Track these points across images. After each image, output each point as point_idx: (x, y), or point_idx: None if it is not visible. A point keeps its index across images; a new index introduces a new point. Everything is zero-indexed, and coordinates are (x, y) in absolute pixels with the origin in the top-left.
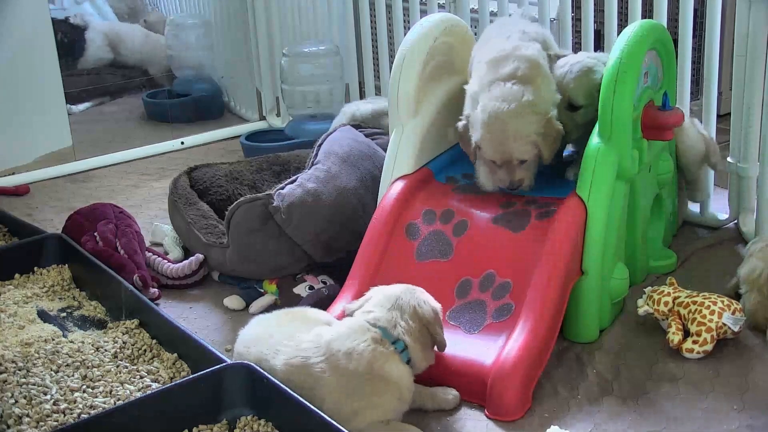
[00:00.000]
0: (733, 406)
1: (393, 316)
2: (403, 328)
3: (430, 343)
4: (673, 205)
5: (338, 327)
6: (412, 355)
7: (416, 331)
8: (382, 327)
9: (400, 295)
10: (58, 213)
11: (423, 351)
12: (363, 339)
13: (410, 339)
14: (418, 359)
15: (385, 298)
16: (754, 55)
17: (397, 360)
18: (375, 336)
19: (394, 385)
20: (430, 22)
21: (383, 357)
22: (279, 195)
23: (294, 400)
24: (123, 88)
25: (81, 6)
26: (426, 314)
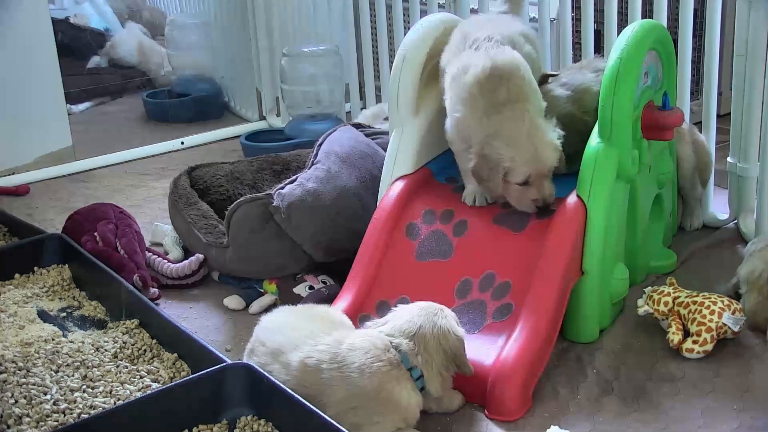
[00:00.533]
0: (733, 406)
1: (415, 344)
2: (423, 359)
3: (453, 370)
4: (673, 205)
5: (359, 338)
6: (428, 385)
7: (438, 363)
8: (403, 353)
9: (422, 324)
10: (58, 213)
11: (442, 381)
12: (380, 358)
13: (429, 371)
14: (434, 389)
15: (409, 323)
16: (754, 55)
17: (409, 386)
18: (393, 359)
19: (401, 410)
20: (430, 22)
21: (395, 380)
22: (279, 195)
23: (294, 400)
24: (123, 88)
25: (81, 6)
26: (452, 347)
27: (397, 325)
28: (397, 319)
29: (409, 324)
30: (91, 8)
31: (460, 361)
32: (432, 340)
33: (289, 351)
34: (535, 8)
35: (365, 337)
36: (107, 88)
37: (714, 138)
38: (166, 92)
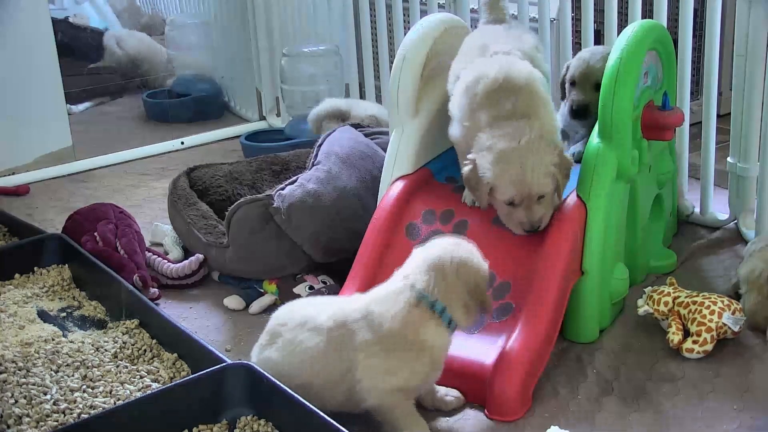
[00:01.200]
0: (733, 406)
1: (431, 277)
2: (441, 289)
3: (475, 303)
4: (673, 205)
5: (377, 290)
6: (454, 315)
7: (459, 292)
8: (419, 290)
9: (440, 255)
10: (58, 213)
11: (466, 311)
12: (398, 301)
13: (450, 300)
14: (461, 319)
15: (424, 259)
16: (754, 55)
17: (433, 324)
18: (410, 299)
19: (428, 350)
20: (430, 22)
21: (418, 320)
22: (279, 195)
23: (294, 400)
24: (123, 88)
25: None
26: (473, 277)
27: (414, 263)
28: (416, 257)
29: (426, 258)
30: (91, 8)
31: (480, 293)
32: (450, 270)
33: (317, 315)
34: (535, 8)
35: (381, 288)
36: (107, 88)
37: (714, 138)
38: (166, 92)
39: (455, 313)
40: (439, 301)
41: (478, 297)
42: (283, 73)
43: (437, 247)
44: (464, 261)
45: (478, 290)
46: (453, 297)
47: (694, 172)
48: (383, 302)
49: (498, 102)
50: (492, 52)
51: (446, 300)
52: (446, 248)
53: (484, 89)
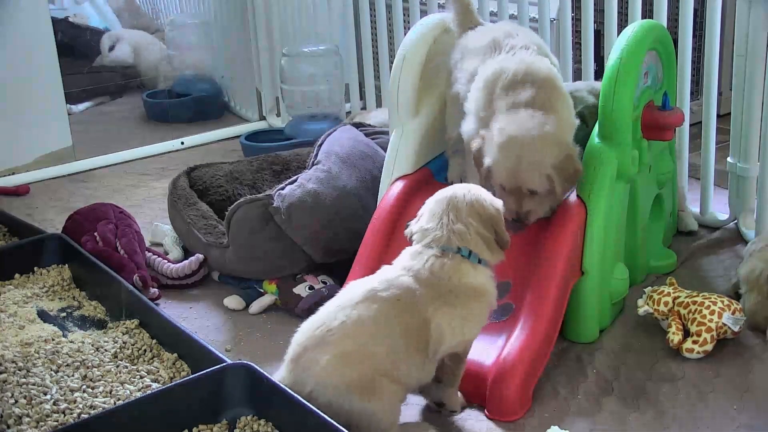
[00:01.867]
0: (733, 406)
1: (444, 225)
2: (459, 234)
3: (494, 239)
4: (673, 205)
5: (400, 258)
6: (481, 255)
7: (478, 229)
8: (437, 244)
9: (451, 197)
10: (58, 213)
11: (489, 248)
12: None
13: (472, 240)
14: (488, 257)
15: (437, 204)
16: (754, 55)
17: (468, 267)
18: (436, 254)
19: (479, 292)
20: (429, 22)
21: (454, 269)
22: (279, 195)
23: (294, 400)
24: (123, 88)
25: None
26: (488, 213)
27: (427, 212)
28: (428, 204)
29: (439, 203)
30: (91, 8)
31: (498, 227)
32: (465, 207)
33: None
34: (535, 8)
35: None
36: (107, 88)
37: (714, 138)
38: (166, 92)
39: (481, 252)
40: (463, 248)
41: (497, 229)
42: (283, 73)
43: (447, 191)
44: (478, 198)
45: (495, 224)
46: (472, 236)
47: (694, 172)
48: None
49: (517, 92)
50: (509, 47)
51: (464, 239)
52: (454, 191)
53: (504, 81)
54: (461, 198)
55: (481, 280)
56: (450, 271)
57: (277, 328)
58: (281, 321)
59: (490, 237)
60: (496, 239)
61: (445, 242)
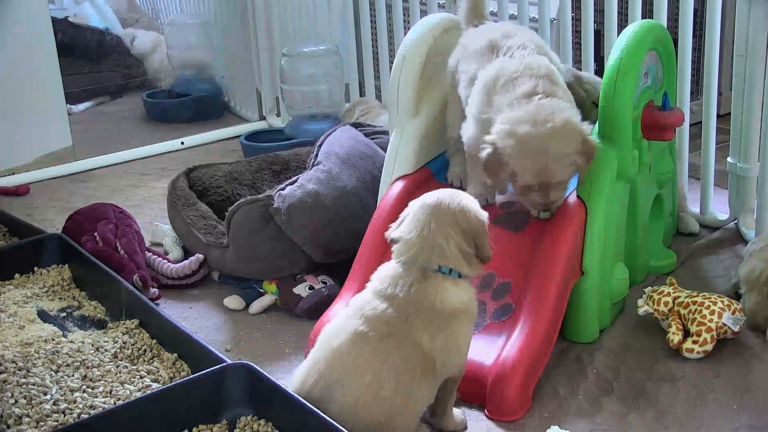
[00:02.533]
0: (733, 406)
1: (425, 237)
2: (439, 251)
3: (474, 254)
4: (673, 205)
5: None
6: (460, 270)
7: (459, 244)
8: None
9: (435, 206)
10: (58, 213)
11: (469, 263)
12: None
13: (452, 258)
14: (468, 272)
15: (420, 211)
16: (754, 55)
17: (450, 285)
18: (417, 278)
19: (464, 311)
20: (429, 22)
21: (437, 291)
22: (279, 196)
23: (294, 400)
24: (123, 88)
25: (81, 6)
26: (470, 222)
27: (407, 224)
28: (410, 213)
29: (419, 216)
30: (91, 8)
31: (480, 241)
32: (448, 218)
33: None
34: (535, 8)
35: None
36: (107, 88)
37: (714, 138)
38: (166, 92)
39: (461, 269)
40: (443, 267)
41: (478, 243)
42: (283, 73)
43: (430, 200)
44: (462, 209)
45: (477, 238)
46: (452, 253)
47: (694, 172)
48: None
49: (516, 86)
50: (506, 48)
51: (444, 259)
52: (437, 202)
53: (503, 80)
54: (445, 208)
55: (464, 299)
56: (434, 294)
57: (277, 328)
58: (281, 321)
59: (470, 252)
60: (477, 253)
61: (425, 259)
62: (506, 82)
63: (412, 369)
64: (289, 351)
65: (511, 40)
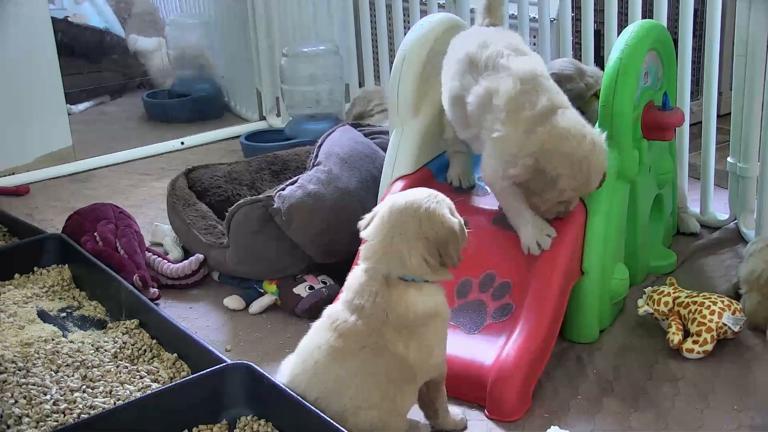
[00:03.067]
0: (733, 406)
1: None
2: (401, 261)
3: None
4: (673, 205)
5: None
6: (424, 278)
7: (423, 254)
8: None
9: (402, 211)
10: (58, 213)
11: (433, 271)
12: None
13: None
14: (431, 278)
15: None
16: (754, 55)
17: (414, 293)
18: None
19: (433, 316)
20: (430, 22)
21: (402, 300)
22: (279, 196)
23: (294, 400)
24: (123, 88)
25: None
26: (438, 232)
27: (377, 222)
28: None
29: (389, 217)
30: (91, 8)
31: (445, 250)
32: (415, 227)
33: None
34: (535, 8)
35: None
36: (107, 88)
37: (714, 138)
38: (166, 92)
39: (421, 275)
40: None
41: (442, 252)
42: (283, 73)
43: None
44: (430, 215)
45: (441, 247)
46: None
47: (694, 172)
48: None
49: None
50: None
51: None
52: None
53: (508, 98)
54: (411, 213)
55: (430, 304)
56: (398, 303)
57: (277, 328)
58: (281, 321)
59: (434, 261)
60: (443, 261)
61: (387, 267)
62: (512, 99)
63: (392, 377)
64: (289, 351)
65: (487, 50)
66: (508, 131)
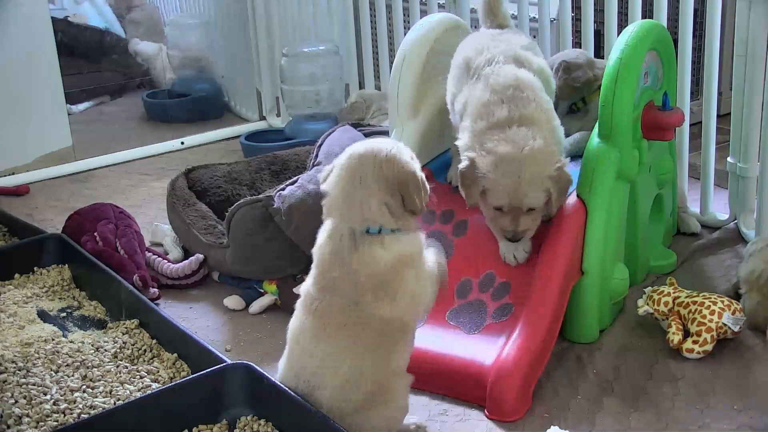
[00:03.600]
0: (733, 406)
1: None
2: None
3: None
4: (673, 205)
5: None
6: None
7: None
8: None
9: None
10: (58, 213)
11: (395, 217)
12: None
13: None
14: (393, 226)
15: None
16: (754, 55)
17: (379, 249)
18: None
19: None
20: (430, 22)
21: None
22: (279, 196)
23: (294, 400)
24: (123, 88)
25: (81, 6)
26: (398, 174)
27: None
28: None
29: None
30: (91, 8)
31: (408, 194)
32: (373, 172)
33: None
34: (535, 8)
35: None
36: (107, 88)
37: (714, 138)
38: (166, 92)
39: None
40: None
41: (404, 193)
42: (283, 73)
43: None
44: (389, 158)
45: (402, 188)
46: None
47: (694, 172)
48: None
49: (490, 114)
50: (474, 67)
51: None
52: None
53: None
54: (372, 160)
55: (398, 250)
56: (368, 262)
57: (277, 328)
58: (281, 321)
59: (396, 207)
60: (405, 207)
61: (349, 219)
62: (479, 109)
63: (385, 340)
64: None
65: (481, 56)
66: (464, 138)
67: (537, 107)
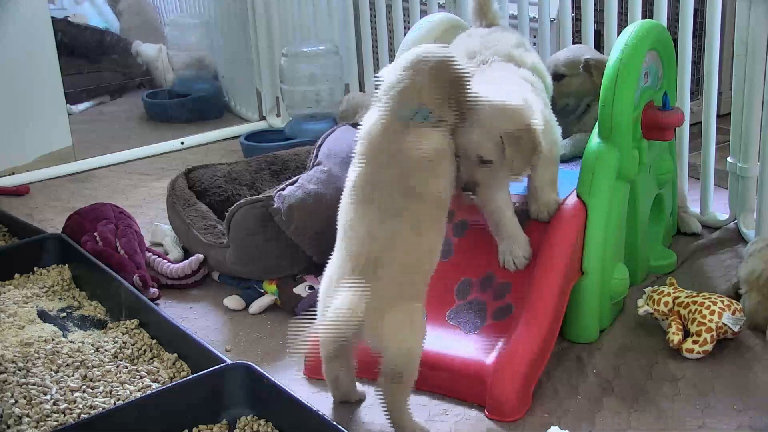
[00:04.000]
0: (733, 406)
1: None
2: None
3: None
4: (673, 205)
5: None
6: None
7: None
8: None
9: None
10: (58, 213)
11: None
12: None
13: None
14: (442, 115)
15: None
16: (754, 55)
17: (424, 133)
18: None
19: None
20: (430, 22)
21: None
22: (279, 196)
23: (294, 400)
24: (123, 88)
25: (81, 6)
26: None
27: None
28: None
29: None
30: (91, 8)
31: (458, 92)
32: (429, 65)
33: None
34: (535, 8)
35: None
36: (107, 88)
37: (714, 138)
38: (166, 92)
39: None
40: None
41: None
42: (283, 73)
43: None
44: (444, 61)
45: (454, 86)
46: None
47: (694, 172)
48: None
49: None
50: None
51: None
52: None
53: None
54: (428, 57)
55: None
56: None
57: (277, 328)
58: (281, 321)
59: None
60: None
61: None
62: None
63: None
64: (289, 351)
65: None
66: None
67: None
